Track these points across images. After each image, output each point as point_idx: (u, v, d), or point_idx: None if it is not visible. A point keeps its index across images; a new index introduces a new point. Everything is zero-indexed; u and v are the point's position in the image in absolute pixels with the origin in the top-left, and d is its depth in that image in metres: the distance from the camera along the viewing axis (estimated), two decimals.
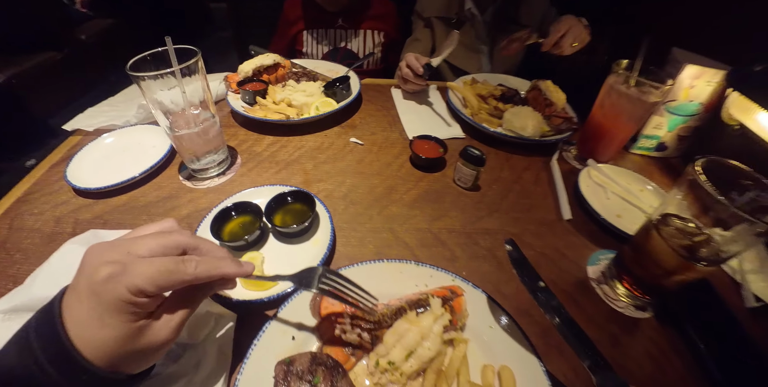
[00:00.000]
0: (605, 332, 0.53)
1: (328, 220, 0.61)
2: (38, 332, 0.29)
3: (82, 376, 0.29)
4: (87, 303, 0.29)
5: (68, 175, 0.72)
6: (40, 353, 0.28)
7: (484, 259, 0.60)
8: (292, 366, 0.40)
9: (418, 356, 0.40)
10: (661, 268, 0.50)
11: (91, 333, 0.29)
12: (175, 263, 0.32)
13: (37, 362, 0.28)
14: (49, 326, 0.29)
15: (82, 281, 0.30)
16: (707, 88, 0.79)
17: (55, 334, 0.28)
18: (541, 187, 0.77)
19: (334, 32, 1.36)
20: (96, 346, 0.29)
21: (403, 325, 0.42)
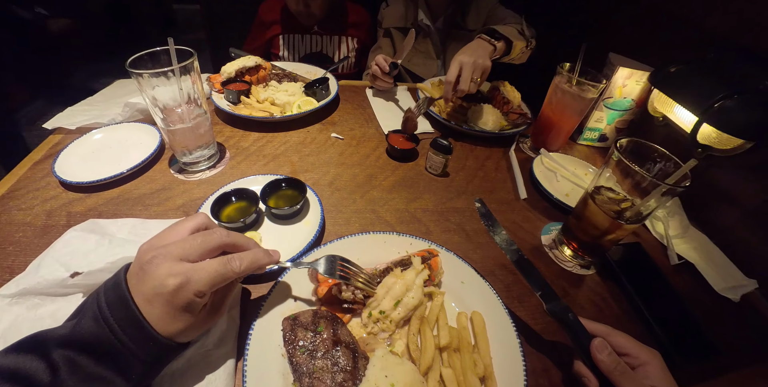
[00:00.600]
0: (557, 286, 0.64)
1: (317, 203, 0.68)
2: (114, 314, 0.35)
3: (149, 342, 0.36)
4: (159, 306, 0.36)
5: (56, 170, 0.74)
6: (117, 327, 0.35)
7: (455, 232, 0.70)
8: (297, 320, 0.47)
9: (404, 304, 0.48)
10: (597, 230, 0.62)
11: (166, 325, 0.37)
12: (224, 266, 0.39)
13: (114, 332, 0.34)
14: (124, 305, 0.35)
15: (149, 289, 0.36)
16: (637, 86, 0.93)
17: (131, 313, 0.35)
18: (501, 173, 0.88)
19: (310, 38, 1.42)
20: (169, 331, 0.37)
21: (391, 280, 0.50)
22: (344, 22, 1.43)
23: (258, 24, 1.43)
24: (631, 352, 0.44)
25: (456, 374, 0.46)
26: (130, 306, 0.35)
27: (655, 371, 0.43)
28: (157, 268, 0.36)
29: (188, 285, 0.36)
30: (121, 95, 1.01)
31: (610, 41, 1.10)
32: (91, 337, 0.34)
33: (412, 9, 1.30)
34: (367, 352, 0.47)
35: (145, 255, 0.37)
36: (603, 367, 0.43)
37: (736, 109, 0.69)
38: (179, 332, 0.38)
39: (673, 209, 0.83)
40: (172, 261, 0.37)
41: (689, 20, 0.87)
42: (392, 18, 1.33)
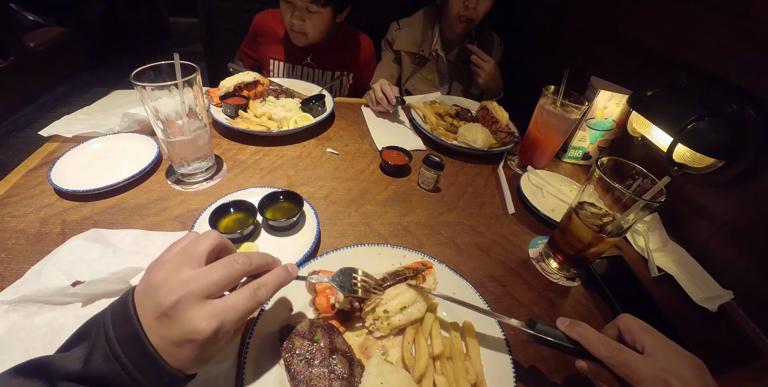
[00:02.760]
0: (544, 297, 0.67)
1: (313, 216, 0.70)
2: (126, 352, 0.33)
3: (164, 378, 0.34)
4: (190, 350, 0.34)
5: (52, 178, 0.74)
6: (131, 367, 0.33)
7: (446, 246, 0.72)
8: (294, 329, 0.48)
9: (408, 314, 0.50)
10: (581, 243, 0.65)
11: (189, 365, 0.35)
12: (252, 300, 0.37)
13: (128, 372, 0.33)
14: (138, 344, 0.33)
15: (178, 335, 0.33)
16: (617, 108, 0.99)
17: (146, 352, 0.33)
18: (490, 189, 0.92)
19: (301, 69, 1.37)
20: (187, 368, 0.36)
21: (404, 286, 0.52)
22: (341, 55, 1.37)
23: (252, 34, 1.39)
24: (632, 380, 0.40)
25: (449, 381, 0.47)
26: (144, 344, 0.33)
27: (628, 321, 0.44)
28: (186, 314, 0.34)
29: (223, 327, 0.35)
30: (119, 105, 1.02)
31: (591, 66, 1.17)
32: (103, 375, 0.32)
33: (429, 38, 1.34)
34: (362, 361, 0.48)
35: (164, 296, 0.34)
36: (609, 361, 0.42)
37: (707, 130, 0.74)
38: (197, 367, 0.37)
39: (653, 224, 0.87)
40: (199, 303, 0.34)
41: (662, 51, 0.94)
42: (405, 42, 1.36)
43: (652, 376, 0.38)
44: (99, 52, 3.40)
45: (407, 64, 1.41)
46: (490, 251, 0.73)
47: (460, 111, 1.15)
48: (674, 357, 0.41)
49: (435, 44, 1.34)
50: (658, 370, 0.39)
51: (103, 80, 3.21)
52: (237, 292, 0.38)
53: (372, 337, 0.52)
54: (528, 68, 1.59)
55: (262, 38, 1.37)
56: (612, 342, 0.43)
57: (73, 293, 0.48)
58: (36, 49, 2.72)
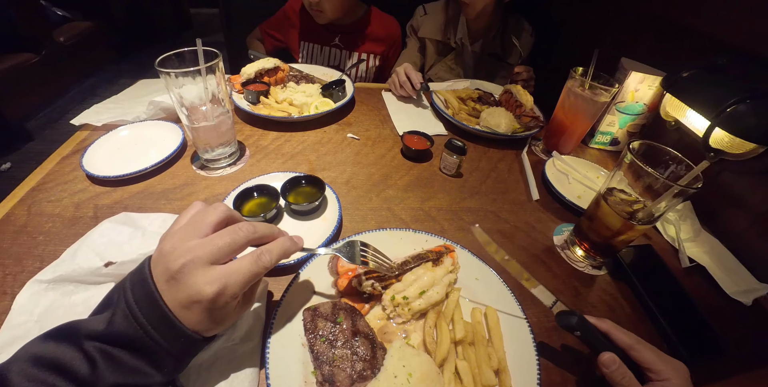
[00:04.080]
0: (568, 286, 0.65)
1: (335, 200, 0.70)
2: (144, 312, 0.35)
3: (180, 339, 0.37)
4: (197, 312, 0.36)
5: (84, 164, 0.77)
6: (148, 326, 0.35)
7: (468, 231, 0.71)
8: (318, 311, 0.49)
9: (427, 297, 0.50)
10: (609, 230, 0.63)
11: (200, 325, 0.37)
12: (256, 264, 0.38)
13: (147, 332, 0.35)
14: (154, 305, 0.36)
15: (185, 297, 0.35)
16: (649, 91, 0.94)
17: (162, 313, 0.36)
18: (513, 174, 0.90)
19: (329, 50, 1.40)
20: (201, 328, 0.38)
21: (421, 270, 0.52)
22: (368, 36, 1.38)
23: (282, 16, 1.41)
24: (653, 367, 0.44)
25: (471, 366, 0.47)
26: (159, 305, 0.35)
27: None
28: (191, 277, 0.35)
29: (225, 290, 0.36)
30: (145, 94, 1.04)
31: (622, 47, 1.11)
32: (125, 334, 0.35)
33: (452, 25, 1.30)
34: (384, 344, 0.48)
35: (172, 261, 0.36)
36: (610, 379, 0.43)
37: (749, 113, 0.69)
38: (211, 329, 0.39)
39: (684, 213, 0.84)
40: (204, 267, 0.36)
41: (699, 29, 0.88)
42: (430, 29, 1.33)
43: (662, 363, 0.44)
44: (124, 44, 3.50)
45: (431, 52, 1.37)
46: (513, 238, 0.72)
47: (483, 95, 1.12)
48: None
49: (460, 32, 1.30)
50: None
51: (128, 72, 3.29)
52: (241, 257, 0.39)
53: (394, 323, 0.52)
54: (554, 51, 1.52)
55: (293, 21, 1.39)
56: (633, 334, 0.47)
57: (105, 273, 0.50)
58: (65, 43, 2.82)
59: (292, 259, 0.58)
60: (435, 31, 1.32)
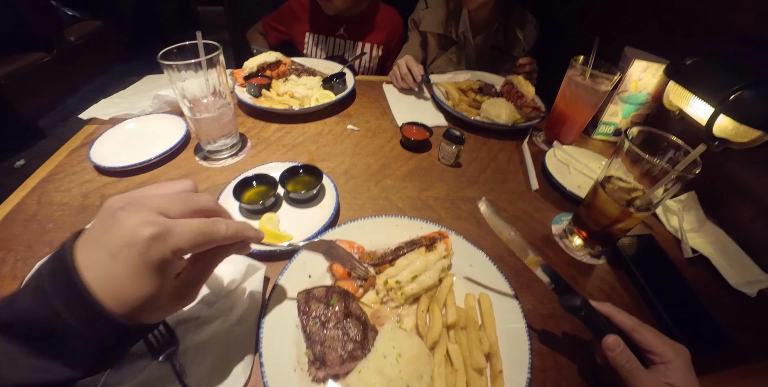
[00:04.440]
0: (566, 274, 0.65)
1: (333, 189, 0.71)
2: (53, 280, 0.29)
3: (98, 322, 0.29)
4: (126, 261, 0.29)
5: (92, 156, 0.79)
6: (59, 304, 0.28)
7: (465, 220, 0.72)
8: (311, 293, 0.50)
9: (420, 282, 0.51)
10: (607, 218, 0.62)
11: (126, 290, 0.30)
12: (208, 225, 0.34)
13: (54, 310, 0.28)
14: (65, 276, 0.29)
15: (116, 238, 0.29)
16: (653, 80, 0.93)
17: (72, 284, 0.28)
18: (513, 165, 0.89)
19: (333, 41, 1.42)
20: (126, 302, 0.30)
21: (414, 255, 0.53)
22: (372, 27, 1.41)
23: (288, 11, 1.43)
24: (656, 349, 0.43)
25: (462, 350, 0.47)
26: (72, 277, 0.28)
27: (676, 370, 0.42)
28: (131, 216, 0.30)
29: (167, 236, 0.30)
30: (150, 89, 1.07)
31: (626, 35, 1.09)
32: (27, 317, 0.29)
33: (454, 18, 1.29)
34: (376, 327, 0.49)
35: (115, 203, 0.31)
36: (613, 363, 0.43)
37: (754, 99, 0.68)
38: (141, 306, 0.31)
39: (688, 203, 0.82)
40: (150, 211, 0.31)
41: (705, 16, 0.86)
42: (431, 22, 1.32)
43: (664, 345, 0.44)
44: (133, 43, 3.55)
45: (433, 46, 1.36)
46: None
47: (484, 86, 1.11)
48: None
49: (462, 26, 1.29)
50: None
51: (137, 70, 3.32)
52: (195, 218, 0.34)
53: (388, 307, 0.53)
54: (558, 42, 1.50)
55: (298, 13, 1.41)
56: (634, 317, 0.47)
57: None
58: (76, 42, 2.87)
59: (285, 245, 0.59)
60: (436, 24, 1.32)
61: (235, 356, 0.46)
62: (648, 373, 0.42)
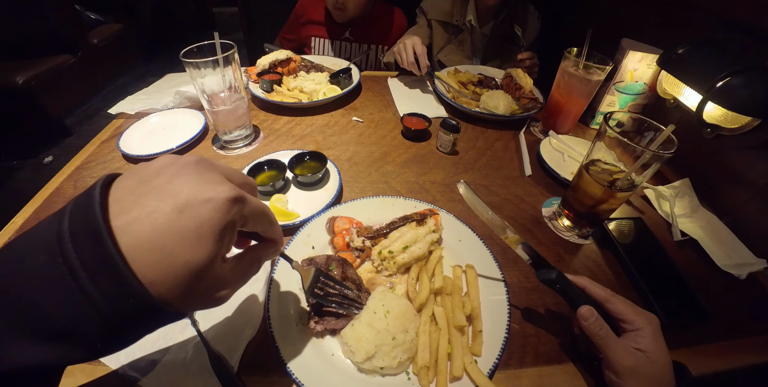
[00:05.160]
0: (552, 252, 0.69)
1: (336, 174, 0.77)
2: (78, 251, 0.23)
3: (129, 299, 0.24)
4: (193, 218, 0.26)
5: (121, 146, 0.88)
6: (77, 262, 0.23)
7: (459, 201, 0.77)
8: (313, 260, 0.56)
9: (410, 252, 0.56)
10: (591, 199, 0.66)
11: (180, 252, 0.25)
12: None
13: (73, 271, 0.23)
14: (94, 237, 0.23)
15: (191, 191, 0.26)
16: (649, 70, 0.95)
17: (104, 251, 0.23)
18: (509, 153, 0.94)
19: (339, 44, 1.47)
20: (170, 269, 0.25)
21: (405, 228, 0.58)
22: (377, 29, 1.43)
23: (294, 17, 1.49)
24: (627, 317, 0.46)
25: (446, 311, 0.53)
26: (100, 233, 0.23)
27: (646, 337, 0.45)
28: (209, 173, 0.28)
29: (242, 202, 0.29)
30: (171, 86, 1.15)
31: (624, 28, 1.12)
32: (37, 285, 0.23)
33: (459, 7, 1.31)
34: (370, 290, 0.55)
35: (178, 158, 0.28)
36: (587, 331, 0.46)
37: (741, 86, 0.70)
38: (186, 275, 0.26)
39: (682, 190, 0.85)
40: (221, 174, 0.29)
41: (700, 3, 0.88)
42: (438, 11, 1.34)
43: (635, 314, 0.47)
44: (152, 44, 3.71)
45: (441, 34, 1.38)
46: (502, 208, 0.77)
47: (484, 79, 1.16)
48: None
49: (469, 14, 1.30)
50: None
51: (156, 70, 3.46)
52: None
53: (382, 276, 0.59)
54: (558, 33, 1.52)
55: (304, 20, 1.46)
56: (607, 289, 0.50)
57: None
58: (99, 45, 3.01)
59: (291, 221, 0.65)
60: (443, 13, 1.33)
61: (246, 312, 0.52)
62: (619, 340, 0.46)
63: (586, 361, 0.53)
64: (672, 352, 0.46)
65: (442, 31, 1.37)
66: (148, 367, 0.48)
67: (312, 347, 0.49)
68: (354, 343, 0.46)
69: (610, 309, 0.48)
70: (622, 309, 0.48)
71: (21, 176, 2.39)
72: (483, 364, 0.48)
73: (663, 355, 0.45)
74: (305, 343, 0.49)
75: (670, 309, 0.60)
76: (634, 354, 0.44)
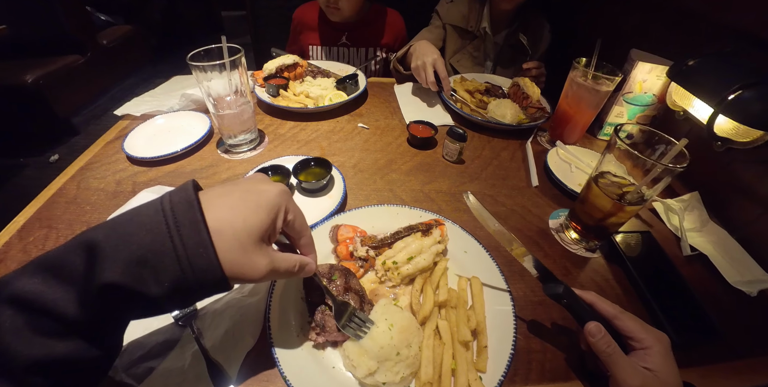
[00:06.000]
0: (559, 265, 0.68)
1: (341, 181, 0.77)
2: (176, 208, 0.33)
3: (204, 257, 0.32)
4: (252, 195, 0.37)
5: (125, 147, 0.87)
6: (173, 221, 0.32)
7: (464, 211, 0.76)
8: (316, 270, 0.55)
9: (415, 263, 0.55)
10: (600, 212, 0.65)
11: (239, 214, 0.35)
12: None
13: (169, 227, 0.32)
14: (191, 208, 0.33)
15: (245, 188, 0.38)
16: (658, 81, 0.94)
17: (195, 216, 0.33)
18: (515, 163, 0.93)
19: (337, 50, 1.46)
20: (234, 226, 0.35)
21: (410, 239, 0.57)
22: (373, 32, 1.43)
23: (294, 29, 1.50)
24: (636, 335, 0.45)
25: (450, 325, 0.51)
26: (195, 207, 0.33)
27: (655, 356, 0.44)
28: (264, 178, 0.41)
29: (290, 197, 0.41)
30: (178, 88, 1.15)
31: (634, 39, 1.11)
32: (141, 229, 0.32)
33: (475, 13, 1.31)
34: (373, 302, 0.54)
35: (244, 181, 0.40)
36: (595, 348, 0.45)
37: (753, 99, 0.69)
38: (243, 259, 0.35)
39: (692, 204, 0.84)
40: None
41: (711, 17, 0.87)
42: (454, 16, 1.34)
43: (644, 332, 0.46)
44: (160, 46, 3.74)
45: (454, 39, 1.38)
46: (508, 219, 0.75)
47: (491, 88, 1.15)
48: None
49: (484, 21, 1.30)
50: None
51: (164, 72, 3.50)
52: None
53: (386, 287, 0.58)
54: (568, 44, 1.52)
55: (301, 28, 1.46)
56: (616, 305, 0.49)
57: None
58: (108, 45, 3.04)
59: None
60: (459, 18, 1.34)
61: (246, 323, 0.51)
62: (627, 358, 0.44)
63: (593, 378, 0.52)
64: (682, 372, 0.44)
65: (457, 36, 1.37)
66: (144, 373, 0.47)
67: (312, 359, 0.48)
68: (356, 357, 0.45)
69: (618, 326, 0.47)
70: (631, 326, 0.46)
71: (27, 174, 2.40)
72: (488, 381, 0.47)
73: (672, 375, 0.44)
74: (306, 355, 0.48)
75: (679, 327, 0.58)
76: (642, 373, 0.43)
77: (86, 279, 0.29)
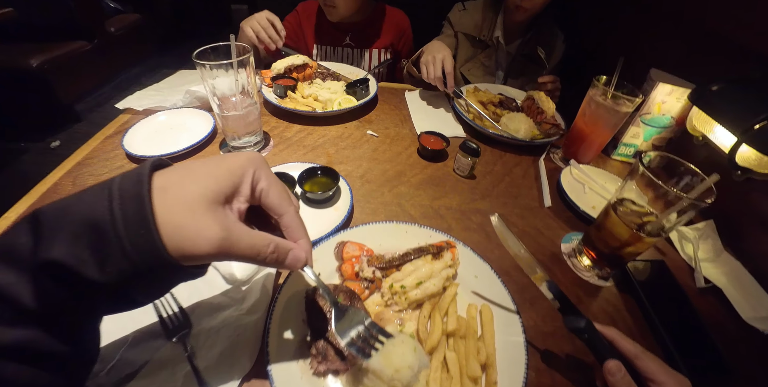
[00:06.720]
0: (570, 293, 0.65)
1: (348, 192, 0.73)
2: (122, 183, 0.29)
3: (141, 231, 0.28)
4: (213, 161, 0.34)
5: (125, 144, 0.84)
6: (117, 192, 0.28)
7: (475, 231, 0.73)
8: (319, 291, 0.52)
9: (424, 288, 0.52)
10: (617, 241, 0.62)
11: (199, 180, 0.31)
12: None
13: (111, 198, 0.28)
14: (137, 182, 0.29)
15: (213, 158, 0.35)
16: (678, 104, 0.92)
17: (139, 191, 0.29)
18: (528, 180, 0.90)
19: (341, 50, 1.42)
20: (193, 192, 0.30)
21: (420, 262, 0.54)
22: (378, 32, 1.40)
23: (296, 23, 1.43)
24: (657, 378, 0.43)
25: (459, 358, 0.48)
26: (142, 182, 0.29)
27: None
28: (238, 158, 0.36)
29: (261, 164, 0.36)
30: (183, 83, 1.12)
31: (653, 58, 1.09)
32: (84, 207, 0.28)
33: (489, 23, 1.30)
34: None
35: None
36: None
37: None
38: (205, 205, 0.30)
39: (706, 232, 0.81)
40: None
41: (735, 40, 0.85)
42: (466, 25, 1.33)
43: (666, 375, 0.44)
44: (168, 36, 3.70)
45: (466, 48, 1.36)
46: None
47: (505, 100, 1.12)
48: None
49: (497, 30, 1.29)
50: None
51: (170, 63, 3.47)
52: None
53: (391, 310, 0.55)
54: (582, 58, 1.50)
55: (304, 26, 1.42)
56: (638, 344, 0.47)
57: None
58: (115, 33, 3.00)
59: None
60: (471, 26, 1.32)
61: (243, 344, 0.48)
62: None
63: None
64: None
65: (469, 45, 1.35)
66: None
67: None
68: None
69: (639, 366, 0.45)
70: (652, 368, 0.44)
71: (27, 158, 2.37)
72: None
73: None
74: (305, 384, 0.45)
75: (691, 362, 0.56)
76: None
77: (33, 258, 0.27)
